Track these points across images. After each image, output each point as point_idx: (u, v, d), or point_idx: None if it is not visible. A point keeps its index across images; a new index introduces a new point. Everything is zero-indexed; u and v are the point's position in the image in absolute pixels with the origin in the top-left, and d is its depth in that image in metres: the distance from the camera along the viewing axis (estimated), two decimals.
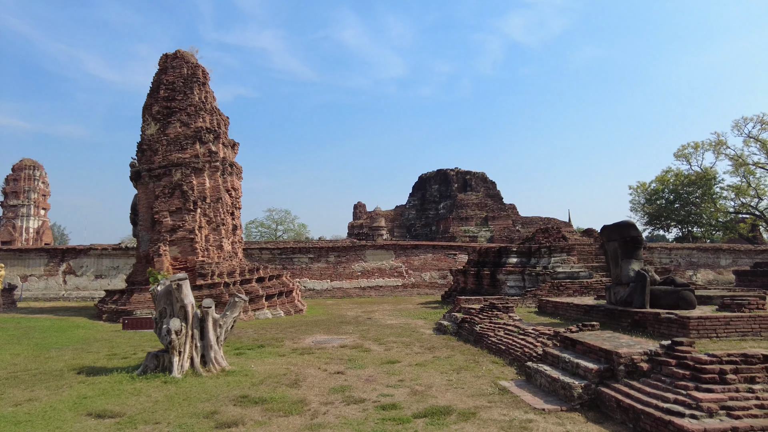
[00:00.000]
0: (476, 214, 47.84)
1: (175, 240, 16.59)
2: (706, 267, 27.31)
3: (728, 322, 7.71)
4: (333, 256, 25.01)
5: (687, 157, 38.01)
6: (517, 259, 16.74)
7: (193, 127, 17.65)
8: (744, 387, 4.85)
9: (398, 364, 8.59)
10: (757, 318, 7.75)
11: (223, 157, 17.92)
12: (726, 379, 4.89)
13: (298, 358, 9.19)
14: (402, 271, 25.48)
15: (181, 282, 7.82)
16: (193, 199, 16.71)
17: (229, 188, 18.12)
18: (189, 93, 18.03)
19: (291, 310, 16.82)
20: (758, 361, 5.09)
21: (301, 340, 11.46)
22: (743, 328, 7.71)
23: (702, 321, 7.66)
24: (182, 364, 7.69)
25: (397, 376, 7.65)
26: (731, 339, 7.64)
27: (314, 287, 24.48)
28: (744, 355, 5.13)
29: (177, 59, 18.45)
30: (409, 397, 6.44)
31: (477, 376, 7.55)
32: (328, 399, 6.41)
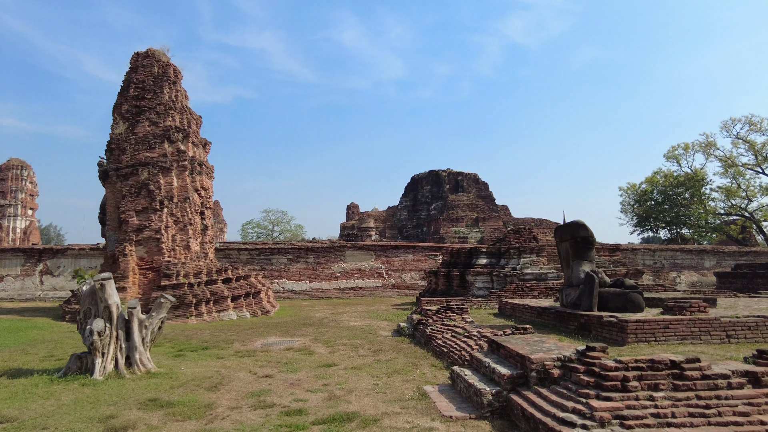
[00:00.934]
0: (467, 215, 47.54)
1: (142, 240, 16.39)
2: (690, 269, 26.97)
3: (667, 325, 7.45)
4: (312, 257, 24.78)
5: (677, 158, 37.66)
6: (487, 260, 16.49)
7: (162, 126, 17.47)
8: (645, 395, 4.60)
9: (334, 367, 8.35)
10: (697, 321, 7.50)
11: (192, 156, 17.73)
12: (628, 386, 4.65)
13: (235, 361, 8.97)
14: (382, 272, 25.23)
15: (104, 282, 7.61)
16: (160, 199, 16.51)
17: (198, 188, 17.93)
18: (159, 92, 17.86)
19: (258, 312, 16.60)
20: (665, 367, 4.84)
21: (252, 342, 11.23)
22: (683, 331, 7.46)
23: (640, 325, 7.40)
24: (105, 366, 7.48)
25: (326, 380, 7.42)
26: (670, 343, 7.39)
27: (293, 288, 24.25)
28: (651, 361, 4.88)
29: (148, 58, 18.28)
30: (323, 402, 6.21)
31: (407, 380, 7.31)
32: (239, 404, 6.19)
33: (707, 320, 7.50)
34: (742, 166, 33.89)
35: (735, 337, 7.53)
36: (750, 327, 7.59)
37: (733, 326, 7.55)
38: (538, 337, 6.90)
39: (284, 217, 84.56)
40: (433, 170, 55.70)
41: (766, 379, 4.81)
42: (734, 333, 7.54)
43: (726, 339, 7.50)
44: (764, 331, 7.62)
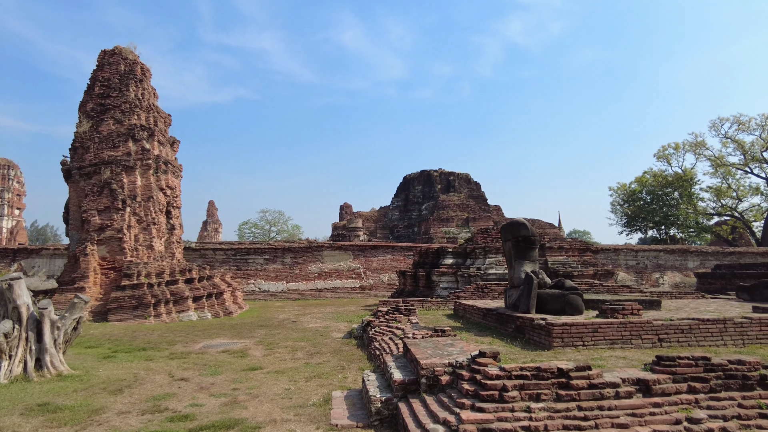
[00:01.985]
0: (457, 216, 47.19)
1: (103, 239, 16.17)
2: (673, 269, 26.51)
3: (596, 329, 7.12)
4: (289, 257, 24.49)
5: (667, 158, 37.16)
6: (453, 260, 16.17)
7: (127, 124, 17.25)
8: (522, 406, 4.29)
9: (258, 371, 8.07)
10: (628, 325, 7.17)
11: (157, 155, 17.49)
12: (505, 396, 4.34)
13: (162, 363, 8.70)
14: (360, 273, 24.92)
15: (13, 282, 7.36)
16: (123, 198, 16.29)
17: (164, 187, 17.68)
18: (125, 90, 17.64)
19: (220, 313, 16.33)
20: (551, 376, 4.53)
21: (195, 343, 10.97)
22: (612, 335, 7.13)
23: (567, 328, 7.08)
24: (11, 369, 7.22)
25: (240, 383, 7.15)
26: (598, 347, 7.06)
27: (269, 289, 23.97)
28: (537, 369, 4.57)
29: (114, 55, 18.08)
30: (219, 407, 5.94)
31: (323, 385, 7.02)
32: (131, 408, 5.92)
33: (639, 324, 7.17)
34: (731, 165, 33.39)
35: (667, 341, 7.20)
36: (683, 330, 7.25)
37: (665, 330, 7.21)
38: (452, 340, 6.60)
39: (281, 218, 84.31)
40: (425, 170, 55.38)
41: (657, 387, 4.50)
42: (666, 336, 7.21)
43: (658, 343, 7.17)
44: (698, 334, 7.28)
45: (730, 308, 9.09)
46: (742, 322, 7.40)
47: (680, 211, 34.33)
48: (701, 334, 7.30)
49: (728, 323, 7.36)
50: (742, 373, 4.68)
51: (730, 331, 7.36)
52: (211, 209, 78.67)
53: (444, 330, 7.01)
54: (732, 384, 4.62)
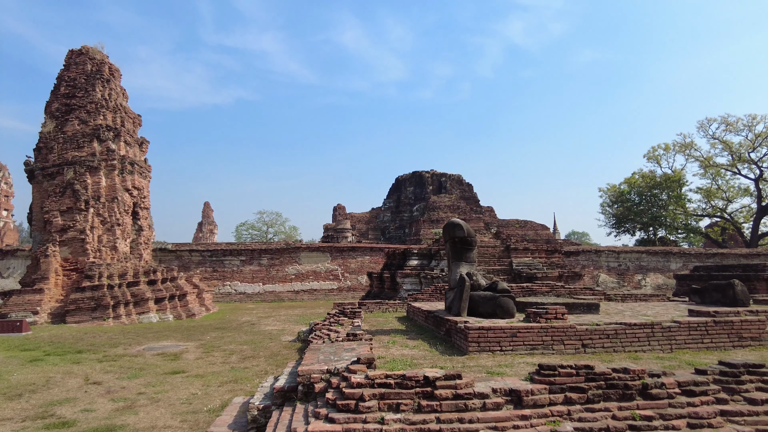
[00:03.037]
0: (448, 217, 46.77)
1: (66, 240, 16.04)
2: (656, 271, 26.11)
3: (515, 333, 6.87)
4: (266, 259, 24.29)
5: (657, 158, 36.73)
6: (418, 262, 15.93)
7: (92, 124, 17.13)
8: (377, 416, 4.06)
9: (179, 374, 7.88)
10: (549, 329, 6.91)
11: (123, 156, 17.34)
12: (361, 406, 4.12)
13: (86, 366, 8.51)
14: (338, 274, 24.69)
15: None
16: (85, 199, 16.14)
17: (130, 187, 17.54)
18: (91, 90, 17.52)
19: (183, 315, 16.15)
20: (416, 385, 4.30)
21: (137, 346, 10.78)
22: (533, 340, 6.87)
23: (483, 333, 6.83)
24: None
25: (150, 387, 6.96)
26: (517, 353, 6.81)
27: (245, 291, 23.78)
28: (403, 377, 4.34)
29: (81, 55, 17.97)
30: (109, 413, 5.76)
31: (232, 391, 6.82)
32: (17, 414, 5.74)
33: (561, 329, 6.92)
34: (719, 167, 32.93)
35: (591, 346, 6.94)
36: (608, 335, 7.00)
37: (589, 335, 6.96)
38: (358, 344, 6.37)
39: (278, 219, 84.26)
40: (417, 171, 55.15)
41: (528, 399, 4.25)
42: (591, 342, 6.95)
43: (582, 348, 6.92)
44: (623, 339, 7.02)
45: (670, 312, 8.82)
46: (670, 327, 7.14)
47: (668, 212, 33.89)
48: (627, 339, 7.04)
49: (656, 328, 7.10)
50: (624, 382, 4.43)
51: (657, 336, 7.09)
52: (207, 210, 78.66)
53: (356, 334, 6.79)
54: (612, 394, 4.37)
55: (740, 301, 9.30)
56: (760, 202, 31.60)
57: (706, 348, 7.16)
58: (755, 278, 17.43)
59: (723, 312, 7.51)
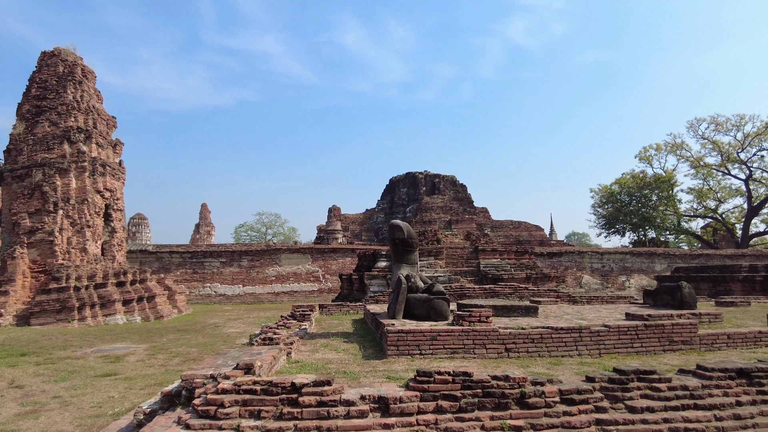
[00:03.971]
0: (440, 218, 46.66)
1: (34, 242, 16.04)
2: (640, 272, 25.78)
3: (435, 337, 6.74)
4: (246, 260, 24.23)
5: (648, 159, 36.36)
6: (386, 263, 15.81)
7: (63, 126, 17.14)
8: (233, 423, 3.95)
9: (110, 377, 7.81)
10: (471, 333, 6.77)
11: (94, 157, 17.34)
12: (218, 413, 4.01)
13: (18, 370, 8.44)
14: (319, 276, 24.59)
15: None
16: (54, 200, 16.15)
17: (102, 189, 17.53)
18: (62, 92, 17.55)
19: (151, 316, 16.10)
20: (282, 392, 4.19)
21: (88, 348, 10.74)
22: (453, 344, 6.74)
23: (403, 336, 6.71)
24: None
25: (71, 391, 6.90)
26: (436, 357, 6.67)
27: (225, 293, 23.73)
28: (270, 383, 4.23)
29: (53, 57, 18.00)
30: (9, 418, 5.68)
31: (152, 393, 6.72)
32: None
33: (483, 332, 6.78)
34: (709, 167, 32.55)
35: (515, 351, 6.79)
36: (534, 340, 6.84)
37: (513, 339, 6.81)
38: (267, 348, 6.26)
39: (277, 220, 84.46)
40: (410, 172, 55.05)
41: (395, 406, 4.13)
42: (515, 346, 6.80)
43: (505, 353, 6.77)
44: (549, 343, 6.87)
45: (616, 315, 8.64)
46: (599, 331, 6.97)
47: (658, 212, 33.52)
48: (553, 344, 6.88)
49: (583, 332, 6.94)
50: (502, 390, 4.30)
51: (585, 341, 6.94)
52: (204, 212, 78.65)
53: (272, 338, 6.68)
54: (488, 403, 4.24)
55: (687, 304, 9.11)
56: (750, 202, 31.20)
57: (635, 353, 6.99)
58: (730, 279, 17.19)
59: (656, 315, 7.34)
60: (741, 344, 7.22)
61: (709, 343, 7.17)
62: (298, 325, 10.21)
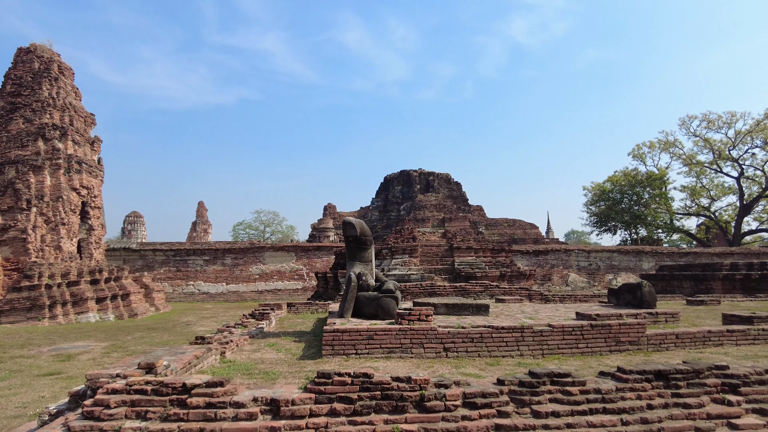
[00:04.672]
0: (434, 216, 46.47)
1: (7, 240, 15.95)
2: (627, 270, 25.54)
3: (372, 336, 6.59)
4: (230, 258, 24.12)
5: (642, 157, 36.04)
6: None
7: (38, 123, 17.04)
8: (114, 425, 3.81)
9: (52, 376, 7.72)
10: (408, 332, 6.62)
11: (70, 155, 17.24)
12: (102, 414, 3.88)
13: None
14: (303, 274, 24.47)
15: None
16: (27, 198, 16.06)
17: (78, 187, 17.42)
18: (37, 88, 17.44)
19: (125, 314, 16.01)
20: (172, 392, 4.04)
21: (45, 347, 10.64)
22: (390, 343, 6.59)
23: (338, 335, 6.56)
24: None
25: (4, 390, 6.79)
26: (372, 357, 6.53)
27: (209, 291, 23.63)
28: (161, 384, 4.09)
29: (29, 53, 17.89)
30: None
31: None
32: None
33: (421, 331, 6.62)
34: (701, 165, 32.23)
35: (454, 350, 6.64)
36: (473, 339, 6.68)
37: (452, 338, 6.65)
38: (194, 348, 6.12)
39: (276, 218, 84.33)
40: (405, 170, 54.86)
41: (286, 409, 3.97)
42: (453, 345, 6.65)
43: (443, 352, 6.62)
44: (490, 343, 6.70)
45: (569, 314, 8.47)
46: (542, 331, 6.81)
47: (649, 210, 33.23)
48: (494, 344, 6.72)
49: (526, 332, 6.77)
50: (402, 393, 4.15)
51: (528, 341, 6.77)
52: (201, 210, 78.67)
53: (204, 337, 6.55)
54: (385, 406, 4.08)
55: (646, 303, 8.93)
56: (742, 200, 30.88)
57: (580, 353, 6.82)
58: (711, 278, 16.97)
59: (605, 315, 7.17)
60: (689, 344, 7.04)
61: (657, 343, 7.00)
62: (256, 324, 10.09)
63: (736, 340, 7.18)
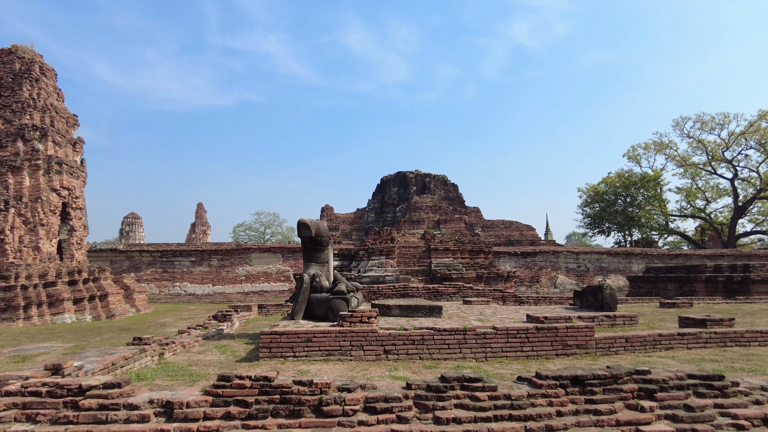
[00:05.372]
0: (429, 217, 46.33)
1: None
2: (617, 272, 25.29)
3: (310, 338, 6.50)
4: (216, 260, 24.12)
5: (637, 158, 35.76)
6: (339, 262, 15.60)
7: (17, 124, 17.09)
8: (1, 429, 3.75)
9: None
10: (348, 334, 6.53)
11: (50, 156, 17.27)
12: None
13: None
14: (289, 275, 24.41)
15: None
16: (5, 199, 16.09)
17: (58, 188, 17.45)
18: (17, 89, 17.50)
19: (102, 315, 15.99)
20: (66, 393, 3.98)
21: (8, 348, 10.61)
22: (329, 345, 6.50)
23: (275, 338, 6.49)
24: None
25: None
26: (311, 359, 6.44)
27: (195, 292, 23.63)
28: (56, 385, 4.02)
29: (10, 54, 17.97)
30: None
31: None
32: None
33: (361, 333, 6.53)
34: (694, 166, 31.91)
35: (394, 353, 6.54)
36: (414, 341, 6.59)
37: (392, 340, 6.55)
38: (127, 349, 6.05)
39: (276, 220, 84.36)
40: (401, 172, 54.73)
41: (179, 412, 3.88)
42: (393, 348, 6.55)
43: (384, 355, 6.52)
44: (431, 345, 6.60)
45: (521, 316, 8.33)
46: (485, 333, 6.70)
47: (642, 212, 32.94)
48: (436, 346, 6.62)
49: (468, 335, 6.66)
50: (301, 396, 4.05)
51: (470, 343, 6.66)
52: (200, 211, 78.93)
53: (141, 338, 6.48)
54: (282, 410, 3.99)
55: (606, 305, 8.78)
56: (737, 201, 30.54)
57: (525, 357, 6.70)
58: (695, 280, 16.76)
59: (553, 318, 7.04)
60: (639, 348, 6.90)
61: (606, 347, 6.86)
62: (217, 325, 10.05)
63: (687, 343, 7.03)
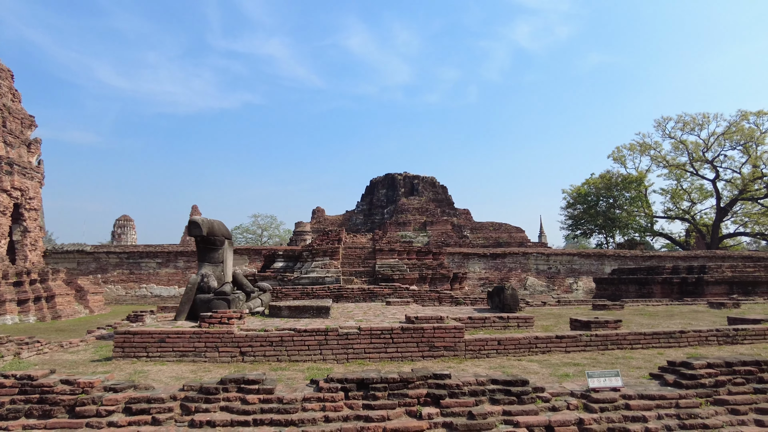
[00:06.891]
0: (415, 219, 46.00)
1: None
2: (588, 274, 24.81)
3: (164, 339, 6.30)
4: (182, 261, 24.03)
5: (622, 159, 35.19)
6: (284, 264, 15.39)
7: None
8: None
9: None
10: (203, 335, 6.32)
11: (0, 156, 17.27)
12: None
13: None
14: None
15: None
16: None
17: (9, 188, 17.44)
18: None
19: (47, 317, 15.92)
20: None
21: None
22: (183, 346, 6.29)
23: (129, 337, 6.30)
24: None
25: None
26: (164, 360, 6.24)
27: (161, 294, 23.55)
28: None
29: None
30: None
31: None
32: None
33: (216, 334, 6.31)
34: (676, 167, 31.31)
35: (251, 354, 6.32)
36: (272, 343, 6.36)
37: (249, 341, 6.33)
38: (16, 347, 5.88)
39: (273, 222, 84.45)
40: (389, 173, 54.50)
41: None
42: (251, 350, 6.33)
43: (239, 356, 6.30)
44: (290, 347, 6.37)
45: (397, 317, 8.06)
46: (348, 334, 6.45)
47: (623, 213, 32.37)
48: (295, 347, 6.39)
49: (330, 335, 6.43)
50: (59, 396, 3.85)
51: (332, 345, 6.42)
52: (194, 213, 79.29)
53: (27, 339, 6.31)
54: (37, 410, 3.80)
55: (507, 306, 8.50)
56: (719, 203, 29.92)
57: (390, 358, 6.44)
58: (652, 281, 16.35)
59: (423, 318, 6.77)
60: (512, 351, 6.62)
61: (477, 349, 6.58)
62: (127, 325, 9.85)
63: (565, 347, 6.73)
